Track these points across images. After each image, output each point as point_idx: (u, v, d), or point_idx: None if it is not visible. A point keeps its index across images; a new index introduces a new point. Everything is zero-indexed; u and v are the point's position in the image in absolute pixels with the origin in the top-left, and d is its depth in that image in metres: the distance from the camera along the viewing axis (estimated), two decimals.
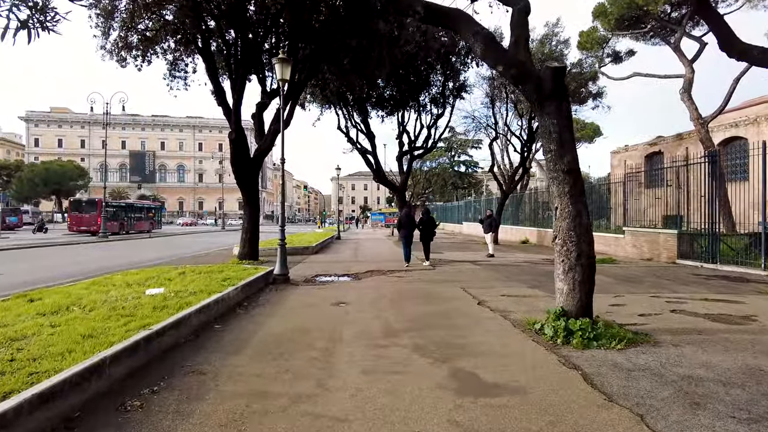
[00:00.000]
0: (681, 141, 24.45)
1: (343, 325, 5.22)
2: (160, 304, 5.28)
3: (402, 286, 8.35)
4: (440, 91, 22.45)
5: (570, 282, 4.67)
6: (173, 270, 8.86)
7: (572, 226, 4.68)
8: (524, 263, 12.57)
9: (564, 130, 4.75)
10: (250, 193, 12.80)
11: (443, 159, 60.41)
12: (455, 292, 7.52)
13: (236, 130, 12.02)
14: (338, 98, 20.97)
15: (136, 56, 13.04)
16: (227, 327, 5.22)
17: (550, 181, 4.88)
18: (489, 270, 10.82)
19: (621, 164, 27.61)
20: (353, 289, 7.97)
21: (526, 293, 7.49)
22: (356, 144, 22.42)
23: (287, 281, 8.69)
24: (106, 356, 3.19)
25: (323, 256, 15.33)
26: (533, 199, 24.84)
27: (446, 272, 10.43)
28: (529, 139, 22.29)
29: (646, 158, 26.80)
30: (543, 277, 9.47)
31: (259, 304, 6.56)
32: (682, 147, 24.23)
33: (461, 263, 12.58)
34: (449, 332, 4.90)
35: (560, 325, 4.57)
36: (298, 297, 7.19)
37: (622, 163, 27.83)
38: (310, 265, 12.09)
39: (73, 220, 29.34)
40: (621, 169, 25.81)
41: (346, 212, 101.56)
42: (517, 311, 6.01)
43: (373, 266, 11.62)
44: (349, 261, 13.33)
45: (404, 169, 23.56)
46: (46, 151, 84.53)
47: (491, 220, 14.35)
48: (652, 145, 26.84)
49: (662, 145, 25.83)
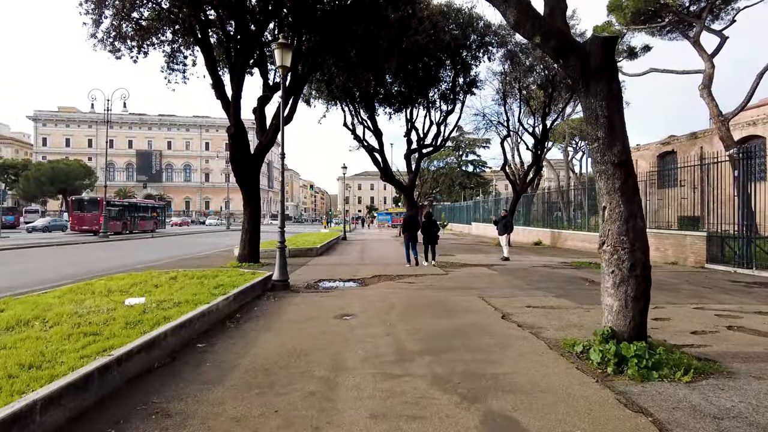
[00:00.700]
0: (695, 140, 23.58)
1: (347, 346, 4.43)
2: (135, 319, 4.54)
3: (413, 293, 7.55)
4: (450, 87, 21.62)
5: (622, 297, 3.85)
6: (164, 274, 8.14)
7: (624, 229, 3.86)
8: (542, 267, 11.71)
9: (614, 113, 3.93)
10: (250, 192, 12.08)
11: (451, 158, 59.60)
12: (474, 302, 6.70)
13: (235, 125, 11.30)
14: (344, 94, 20.21)
15: (131, 47, 12.38)
16: (212, 346, 4.46)
17: (596, 175, 4.06)
18: (506, 275, 9.98)
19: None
20: (359, 297, 7.18)
21: (553, 304, 6.66)
22: (363, 141, 21.64)
23: (287, 288, 7.93)
24: (36, 400, 2.43)
25: (328, 258, 14.58)
26: (546, 199, 23.93)
27: (460, 277, 9.61)
28: (543, 137, 21.37)
29: (659, 158, 26.00)
30: (567, 284, 8.62)
31: (252, 317, 5.80)
32: (697, 146, 23.40)
33: (475, 267, 11.75)
34: (474, 356, 4.10)
35: (609, 349, 3.75)
36: (298, 307, 6.41)
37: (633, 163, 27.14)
38: (313, 269, 11.34)
39: (75, 219, 28.91)
40: None
41: (352, 212, 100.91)
42: (549, 327, 5.20)
43: (381, 270, 10.84)
44: (355, 264, 12.55)
45: (412, 168, 22.72)
46: (54, 151, 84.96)
47: (506, 221, 13.48)
48: (665, 145, 25.98)
49: (675, 144, 25.02)
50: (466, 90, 21.35)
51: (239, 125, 11.44)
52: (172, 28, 12.59)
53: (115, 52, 11.95)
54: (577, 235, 19.16)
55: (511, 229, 13.41)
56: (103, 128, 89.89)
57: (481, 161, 61.62)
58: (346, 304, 6.53)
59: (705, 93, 16.26)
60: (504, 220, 13.44)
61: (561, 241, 20.40)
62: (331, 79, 18.72)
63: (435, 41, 16.98)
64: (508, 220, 13.64)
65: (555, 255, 15.72)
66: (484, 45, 19.74)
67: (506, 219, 13.58)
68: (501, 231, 13.36)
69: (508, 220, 13.64)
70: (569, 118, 34.91)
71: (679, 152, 24.22)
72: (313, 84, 19.37)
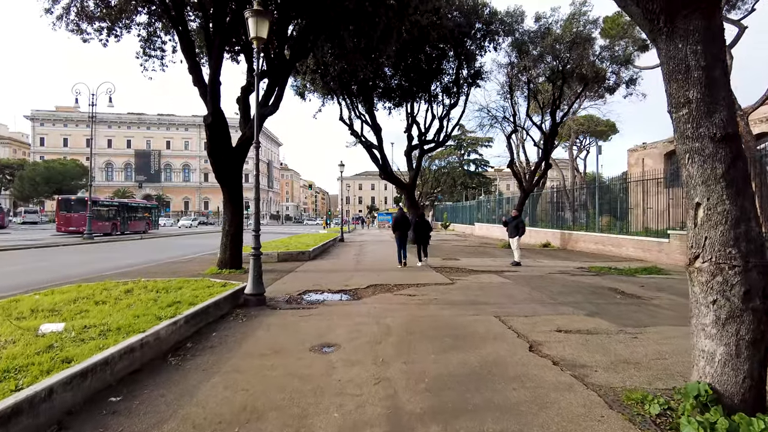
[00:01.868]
0: None
1: (318, 402, 3.11)
2: (26, 361, 3.25)
3: (414, 311, 6.22)
4: (453, 79, 20.27)
5: (730, 341, 2.53)
6: (120, 286, 6.86)
7: (732, 237, 2.54)
8: (559, 274, 10.38)
9: (715, 63, 2.62)
10: (232, 189, 10.77)
11: (453, 158, 58.37)
12: (490, 325, 5.37)
13: (213, 113, 9.99)
14: (341, 86, 18.89)
15: (100, 29, 11.12)
16: (129, 402, 3.15)
17: (686, 157, 2.73)
18: (522, 285, 8.65)
19: (638, 163, 25.92)
20: (347, 316, 5.85)
21: (588, 326, 5.33)
22: (361, 137, 20.29)
23: (262, 303, 6.61)
24: None
25: (321, 262, 13.26)
26: (554, 198, 22.57)
27: (468, 288, 8.27)
28: (552, 132, 20.01)
29: (666, 156, 24.85)
30: (596, 297, 7.29)
31: (206, 348, 4.48)
32: None
33: (483, 273, 10.42)
34: (503, 425, 2.78)
35: (716, 423, 2.43)
36: (268, 332, 5.09)
37: (639, 162, 26.05)
38: (302, 276, 10.03)
39: (61, 220, 27.69)
40: (638, 168, 24.03)
41: (353, 212, 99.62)
42: (594, 364, 3.88)
43: (377, 278, 9.52)
44: (350, 270, 11.24)
45: (413, 165, 21.37)
46: (52, 151, 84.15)
47: (518, 222, 12.13)
48: (672, 143, 24.72)
49: None
50: (470, 82, 20.02)
51: (218, 114, 10.14)
52: (147, 8, 11.33)
53: (80, 33, 10.69)
54: (589, 237, 17.83)
55: (523, 230, 12.07)
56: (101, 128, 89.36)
57: (483, 160, 60.39)
58: (329, 328, 5.20)
59: None
60: (515, 221, 12.09)
61: (571, 243, 19.08)
62: (325, 69, 17.43)
63: (438, 27, 15.68)
64: (519, 220, 12.28)
65: (568, 258, 14.39)
66: (490, 33, 18.41)
67: (517, 219, 12.22)
68: (512, 233, 12.01)
69: (519, 220, 12.28)
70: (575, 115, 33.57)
71: None
72: (307, 75, 18.08)
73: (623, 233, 15.93)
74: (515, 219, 12.16)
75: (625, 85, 18.10)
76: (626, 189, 18.26)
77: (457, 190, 56.60)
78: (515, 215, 12.52)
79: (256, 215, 6.86)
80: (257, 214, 6.89)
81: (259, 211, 6.95)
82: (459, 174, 56.61)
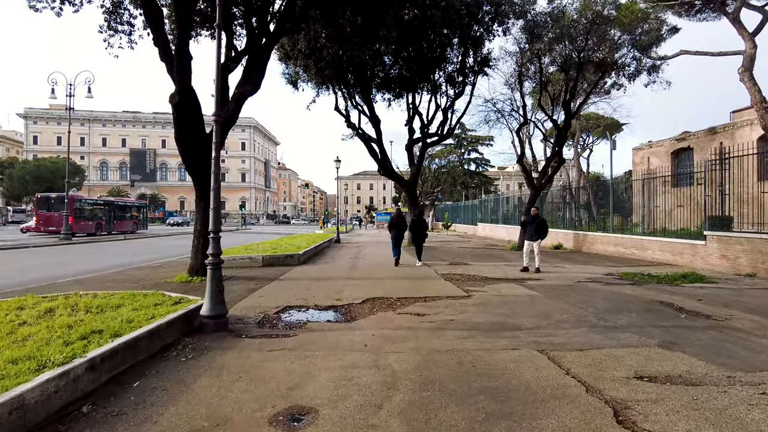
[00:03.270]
0: (714, 135, 21.18)
1: None
2: None
3: (427, 342, 4.58)
4: (458, 68, 18.64)
5: None
6: (43, 303, 5.32)
7: None
8: (591, 283, 8.78)
9: None
10: (205, 183, 9.15)
11: (453, 156, 56.90)
12: (537, 367, 3.74)
13: (181, 91, 8.37)
14: (336, 73, 17.22)
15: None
16: None
17: None
18: (554, 298, 7.04)
19: (644, 162, 24.96)
20: (335, 352, 4.22)
21: (678, 368, 3.71)
22: (358, 129, 18.63)
23: (222, 327, 4.98)
24: None
25: (311, 267, 11.64)
26: (566, 195, 20.96)
27: (490, 303, 6.66)
28: (566, 124, 18.40)
29: (673, 155, 23.78)
30: (656, 318, 5.69)
31: (106, 418, 2.85)
32: (716, 142, 20.91)
33: (503, 283, 8.81)
34: None
35: None
36: (216, 384, 3.44)
37: (645, 161, 25.03)
38: (287, 285, 8.42)
39: (41, 219, 26.02)
40: (643, 167, 22.90)
41: (351, 212, 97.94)
42: None
43: (376, 288, 7.92)
44: (343, 278, 9.61)
45: (415, 161, 19.73)
46: (45, 149, 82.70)
47: (540, 222, 10.50)
48: (680, 141, 23.59)
49: (692, 140, 22.76)
50: (477, 70, 18.39)
51: (187, 92, 8.51)
52: None
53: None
54: (607, 238, 16.27)
55: (546, 232, 10.47)
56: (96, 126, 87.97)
57: (483, 159, 58.93)
58: (306, 374, 3.58)
59: (746, 76, 13.85)
60: (536, 221, 10.46)
61: (587, 245, 17.53)
62: (319, 54, 15.83)
63: (443, 7, 14.11)
64: (541, 220, 10.65)
65: (588, 263, 12.82)
66: (500, 16, 16.80)
67: (539, 219, 10.59)
68: (533, 235, 10.36)
69: (541, 220, 10.65)
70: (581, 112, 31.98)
71: (696, 149, 21.97)
72: (299, 61, 16.45)
73: (648, 234, 14.36)
74: (536, 219, 10.54)
75: (646, 72, 16.49)
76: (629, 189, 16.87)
77: (456, 189, 55.20)
78: (535, 213, 10.90)
79: (215, 212, 5.24)
80: (217, 211, 5.27)
81: (219, 207, 5.33)
82: (459, 173, 55.15)
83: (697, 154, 21.38)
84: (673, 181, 19.06)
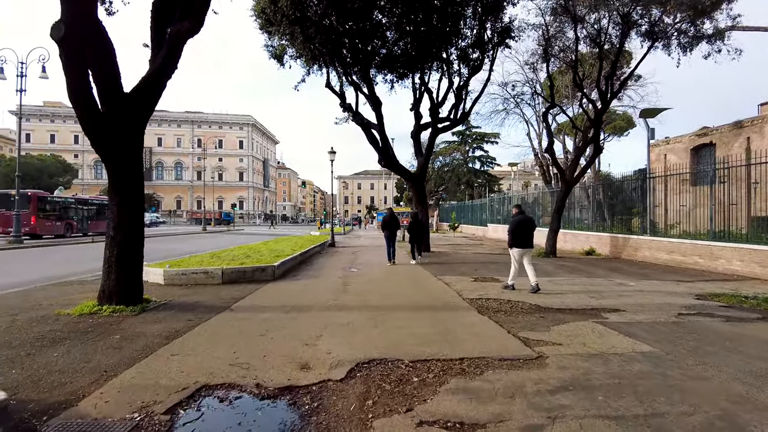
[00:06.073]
0: (740, 130, 18.48)
1: None
2: None
3: None
4: (474, 41, 15.62)
5: None
6: None
7: None
8: (692, 316, 5.77)
9: None
10: (122, 166, 6.16)
11: (456, 154, 54.03)
12: None
13: (72, 21, 5.37)
14: (327, 43, 14.14)
15: None
16: None
17: None
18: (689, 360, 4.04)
19: (660, 159, 22.80)
20: None
21: None
22: (354, 111, 15.56)
23: None
24: None
25: (287, 285, 8.58)
26: (601, 192, 17.84)
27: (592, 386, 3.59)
28: (603, 107, 15.32)
29: (692, 152, 21.35)
30: None
31: None
32: (742, 137, 18.08)
33: (568, 317, 5.79)
34: None
35: None
36: None
37: (661, 158, 22.72)
38: (232, 324, 5.40)
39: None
40: (660, 164, 20.76)
41: (352, 212, 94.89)
42: None
43: (375, 331, 4.94)
44: (326, 307, 6.56)
45: (422, 150, 16.68)
46: (38, 147, 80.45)
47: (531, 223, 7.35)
48: (700, 137, 21.02)
49: (714, 135, 20.23)
50: (496, 42, 15.37)
51: (87, 21, 5.50)
52: None
53: None
54: (657, 243, 13.31)
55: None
56: None
57: (489, 157, 56.00)
58: None
59: None
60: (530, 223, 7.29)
61: (628, 251, 14.54)
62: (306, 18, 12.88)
63: None
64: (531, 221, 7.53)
65: (646, 276, 9.80)
66: None
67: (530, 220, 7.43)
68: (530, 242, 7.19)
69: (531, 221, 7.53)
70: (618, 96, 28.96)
71: (719, 144, 19.36)
72: (283, 28, 13.42)
73: (720, 240, 11.32)
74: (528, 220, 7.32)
75: (706, 40, 13.42)
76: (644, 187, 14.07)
77: (461, 188, 52.40)
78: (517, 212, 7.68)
79: None
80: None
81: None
82: (464, 172, 52.25)
83: (720, 150, 18.89)
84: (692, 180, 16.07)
